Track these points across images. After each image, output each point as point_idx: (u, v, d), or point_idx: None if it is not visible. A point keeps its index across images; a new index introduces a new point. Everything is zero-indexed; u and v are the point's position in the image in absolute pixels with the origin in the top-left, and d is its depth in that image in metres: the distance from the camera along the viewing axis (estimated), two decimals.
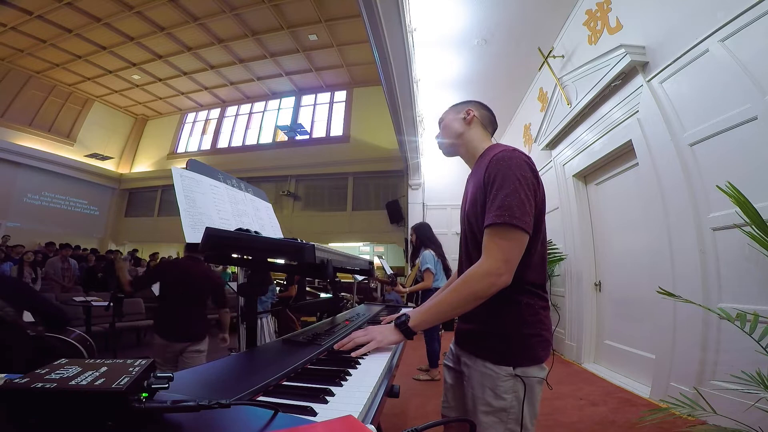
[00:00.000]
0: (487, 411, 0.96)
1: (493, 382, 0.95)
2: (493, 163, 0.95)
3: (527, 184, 0.92)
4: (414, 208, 7.91)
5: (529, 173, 0.94)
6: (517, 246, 0.90)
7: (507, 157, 0.95)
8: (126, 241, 12.19)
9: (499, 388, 0.94)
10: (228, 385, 0.59)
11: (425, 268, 3.39)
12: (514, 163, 0.93)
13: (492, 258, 0.89)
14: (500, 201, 0.90)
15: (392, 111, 5.68)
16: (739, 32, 2.10)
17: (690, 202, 2.42)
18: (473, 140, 1.14)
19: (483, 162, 1.03)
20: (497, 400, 0.94)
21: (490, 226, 0.90)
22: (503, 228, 0.89)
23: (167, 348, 2.40)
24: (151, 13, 8.17)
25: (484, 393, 0.96)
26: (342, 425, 0.38)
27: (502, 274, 0.88)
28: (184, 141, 12.95)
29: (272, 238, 0.90)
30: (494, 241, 0.90)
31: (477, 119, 1.15)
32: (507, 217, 0.88)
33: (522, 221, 0.88)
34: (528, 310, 0.96)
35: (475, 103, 1.20)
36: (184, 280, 2.48)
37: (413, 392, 3.12)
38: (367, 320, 1.51)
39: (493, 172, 0.94)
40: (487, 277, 0.88)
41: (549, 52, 4.44)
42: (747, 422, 1.59)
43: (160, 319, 2.52)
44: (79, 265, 7.00)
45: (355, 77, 10.89)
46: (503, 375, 0.94)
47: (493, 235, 0.90)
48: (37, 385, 0.34)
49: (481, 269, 0.89)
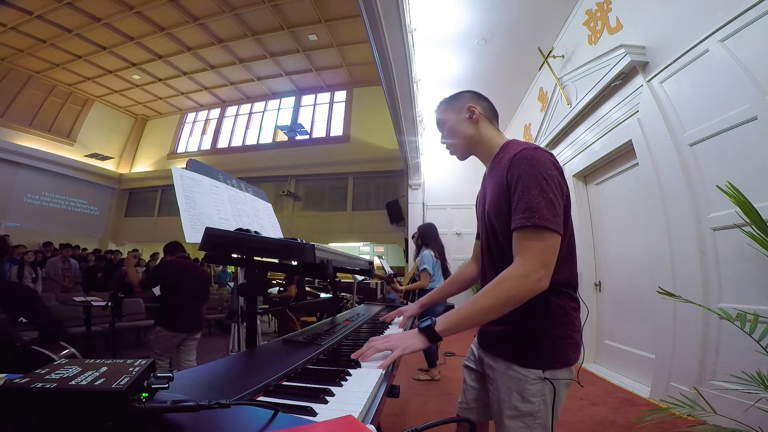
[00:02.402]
0: (513, 415, 0.92)
1: (520, 386, 0.92)
2: (516, 163, 0.90)
3: (554, 183, 0.88)
4: (414, 208, 7.91)
5: (554, 171, 0.90)
6: (551, 248, 0.85)
7: (531, 156, 0.90)
8: (126, 241, 12.18)
9: (527, 392, 0.91)
10: (228, 385, 0.59)
11: (422, 269, 3.39)
12: (539, 161, 0.89)
13: (528, 261, 0.84)
14: (528, 202, 0.85)
15: (392, 111, 5.68)
16: (739, 32, 2.10)
17: (690, 202, 2.42)
18: (488, 139, 1.07)
19: (502, 160, 0.97)
20: (524, 404, 0.91)
21: (520, 229, 0.86)
22: (534, 230, 0.85)
23: (172, 339, 2.72)
24: (151, 13, 8.17)
25: (510, 396, 0.93)
26: (342, 425, 0.38)
27: (541, 278, 0.83)
28: (184, 141, 12.95)
29: (272, 238, 0.90)
30: (527, 245, 0.85)
31: (482, 115, 1.08)
32: (537, 219, 0.83)
33: (553, 222, 0.84)
34: (558, 311, 0.92)
35: (471, 94, 1.11)
36: (186, 277, 2.79)
37: (413, 392, 3.12)
38: (366, 320, 1.51)
39: (516, 171, 0.89)
40: (525, 280, 0.83)
41: (549, 52, 4.44)
42: (747, 422, 1.58)
43: (167, 313, 2.78)
44: (79, 265, 6.99)
45: (355, 77, 10.90)
46: (532, 378, 0.91)
47: (525, 237, 0.86)
48: (37, 385, 0.34)
49: (517, 272, 0.84)
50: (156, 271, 2.94)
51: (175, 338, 2.73)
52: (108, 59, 9.70)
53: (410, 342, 0.86)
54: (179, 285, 2.75)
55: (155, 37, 8.94)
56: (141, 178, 12.67)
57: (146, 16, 8.24)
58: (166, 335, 2.69)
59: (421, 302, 1.40)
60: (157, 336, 2.71)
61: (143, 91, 11.53)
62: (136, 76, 10.70)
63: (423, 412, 2.67)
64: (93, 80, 10.65)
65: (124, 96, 11.75)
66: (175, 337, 2.73)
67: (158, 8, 8.01)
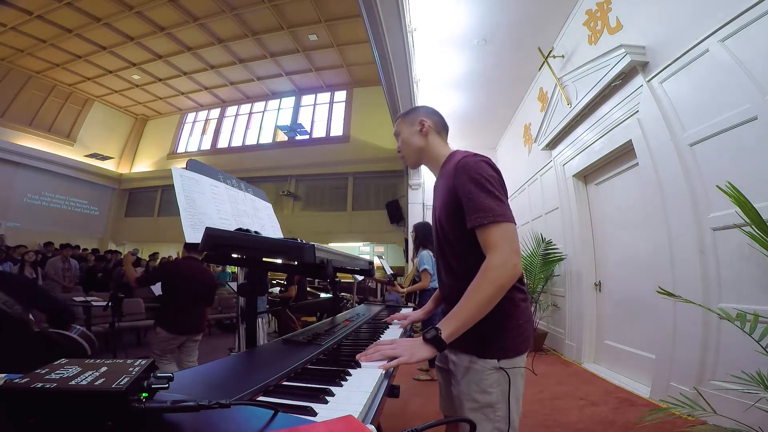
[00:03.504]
0: (473, 408, 0.97)
1: (478, 377, 0.97)
2: (459, 170, 1.01)
3: (495, 182, 0.99)
4: (414, 208, 7.91)
5: (492, 172, 1.01)
6: (514, 237, 0.95)
7: (471, 162, 1.01)
8: (126, 241, 12.19)
9: (484, 382, 0.96)
10: (228, 385, 0.59)
11: (423, 269, 3.38)
12: (478, 166, 1.00)
13: (500, 251, 0.91)
14: (478, 203, 0.95)
15: (392, 111, 5.68)
16: (739, 32, 2.10)
17: (690, 202, 2.42)
18: (433, 150, 1.18)
19: (448, 169, 1.08)
20: (483, 395, 0.96)
21: (479, 228, 0.95)
22: (493, 226, 0.93)
23: (172, 340, 2.68)
24: (151, 13, 8.17)
25: (469, 389, 0.98)
26: (342, 425, 0.38)
27: (516, 263, 0.92)
28: (184, 141, 12.95)
29: (272, 238, 0.90)
30: (492, 239, 0.93)
31: (432, 128, 1.19)
32: (491, 217, 0.93)
33: (504, 216, 0.94)
34: (508, 302, 0.97)
35: (425, 110, 1.23)
36: (189, 279, 2.73)
37: (413, 392, 3.12)
38: (366, 320, 1.51)
39: (461, 178, 0.99)
40: (505, 267, 0.90)
41: (549, 52, 4.44)
42: (747, 422, 1.58)
43: (167, 314, 2.75)
44: (79, 265, 6.99)
45: (355, 77, 10.89)
46: (488, 368, 0.96)
47: (487, 234, 0.94)
48: (37, 385, 0.34)
49: (496, 262, 0.91)
50: (154, 271, 2.93)
51: (175, 340, 2.70)
52: (108, 59, 9.70)
53: (416, 351, 0.87)
54: (178, 286, 2.73)
55: (155, 37, 8.93)
56: (141, 178, 12.66)
57: (146, 16, 8.24)
58: (165, 336, 2.67)
59: (426, 309, 1.46)
60: (157, 337, 2.70)
61: (143, 91, 11.53)
62: (136, 76, 10.70)
63: (423, 412, 2.67)
64: (93, 80, 10.65)
65: (124, 96, 11.76)
66: (175, 339, 2.70)
67: (158, 8, 8.01)
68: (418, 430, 0.44)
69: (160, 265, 3.05)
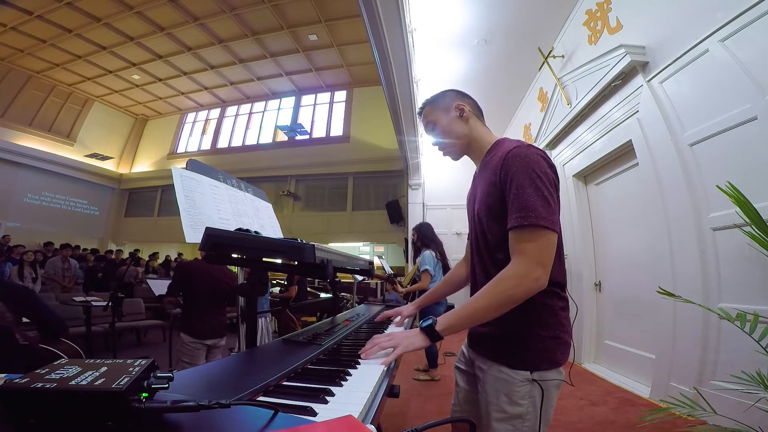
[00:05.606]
0: (500, 418, 0.91)
1: (508, 388, 0.90)
2: (509, 161, 0.89)
3: (548, 180, 0.88)
4: (414, 208, 7.91)
5: (547, 168, 0.89)
6: (548, 247, 0.85)
7: (524, 154, 0.89)
8: (126, 241, 12.19)
9: (515, 394, 0.89)
10: (228, 385, 0.59)
11: (423, 269, 3.38)
12: (532, 159, 0.88)
13: (525, 261, 0.83)
14: (523, 201, 0.84)
15: (392, 111, 5.68)
16: (739, 32, 2.10)
17: (690, 202, 2.42)
18: (479, 137, 1.06)
19: (494, 158, 0.96)
20: (512, 407, 0.90)
21: (516, 229, 0.85)
22: (530, 230, 0.83)
23: (197, 345, 2.52)
24: (151, 13, 8.17)
25: (498, 399, 0.91)
26: (342, 425, 0.38)
27: (539, 277, 0.83)
28: (184, 141, 12.95)
29: (272, 238, 0.90)
30: (523, 244, 0.84)
31: (471, 112, 1.07)
32: (533, 218, 0.82)
33: (548, 221, 0.83)
34: (545, 310, 0.91)
35: (454, 93, 1.10)
36: (211, 281, 2.59)
37: (413, 392, 3.12)
38: (366, 320, 1.51)
39: (510, 170, 0.88)
40: (523, 280, 0.82)
41: (549, 52, 4.43)
42: (747, 422, 1.59)
43: (190, 319, 2.59)
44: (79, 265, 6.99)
45: (355, 77, 10.89)
46: (519, 380, 0.90)
47: (521, 237, 0.85)
48: (37, 385, 0.34)
49: (515, 272, 0.83)
50: (177, 277, 2.77)
51: (200, 345, 2.52)
52: (108, 59, 9.70)
53: (412, 340, 0.87)
54: (190, 288, 2.59)
55: (155, 37, 8.93)
56: (141, 178, 12.66)
57: (146, 16, 8.24)
58: (188, 342, 2.51)
59: (418, 303, 1.41)
60: (182, 343, 2.54)
61: (143, 91, 11.52)
62: (136, 76, 10.70)
63: (423, 412, 2.67)
64: (93, 80, 10.65)
65: (124, 96, 11.75)
66: (200, 344, 2.52)
67: (158, 8, 8.01)
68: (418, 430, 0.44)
69: (178, 267, 2.96)
